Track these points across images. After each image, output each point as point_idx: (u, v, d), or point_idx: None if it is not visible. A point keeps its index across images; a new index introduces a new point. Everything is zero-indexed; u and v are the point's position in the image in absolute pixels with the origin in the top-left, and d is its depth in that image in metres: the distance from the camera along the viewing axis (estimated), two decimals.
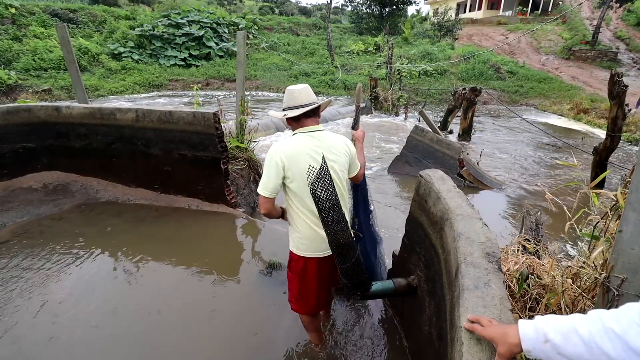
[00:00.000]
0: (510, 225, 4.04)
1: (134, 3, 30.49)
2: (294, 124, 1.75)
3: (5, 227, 3.26)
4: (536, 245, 2.48)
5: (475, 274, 1.08)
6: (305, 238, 1.73)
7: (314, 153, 1.64)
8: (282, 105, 1.78)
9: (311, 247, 1.74)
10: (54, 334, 2.10)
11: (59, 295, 2.42)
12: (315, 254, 1.75)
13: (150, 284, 2.58)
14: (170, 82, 14.54)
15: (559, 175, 6.04)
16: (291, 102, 1.71)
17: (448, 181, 1.72)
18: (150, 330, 2.17)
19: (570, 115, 12.10)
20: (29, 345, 2.02)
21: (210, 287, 2.54)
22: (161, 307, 2.34)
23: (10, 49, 12.71)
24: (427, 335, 1.63)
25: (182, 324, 2.22)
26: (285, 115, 1.71)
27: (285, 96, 1.74)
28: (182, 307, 2.36)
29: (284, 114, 1.72)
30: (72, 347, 2.03)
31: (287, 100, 1.72)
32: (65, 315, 2.25)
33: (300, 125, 1.72)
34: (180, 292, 2.51)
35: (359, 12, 26.41)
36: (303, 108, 1.69)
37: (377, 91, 11.83)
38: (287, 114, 1.70)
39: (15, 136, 3.92)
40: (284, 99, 1.76)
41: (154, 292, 2.51)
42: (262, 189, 1.67)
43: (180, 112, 3.52)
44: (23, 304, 2.33)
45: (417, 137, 5.64)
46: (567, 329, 0.71)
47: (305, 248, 1.75)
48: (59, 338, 2.08)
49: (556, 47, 20.02)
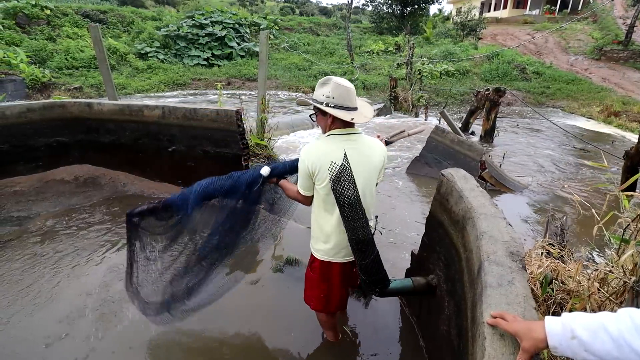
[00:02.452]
0: (533, 229, 3.92)
1: (160, 4, 31.42)
2: (335, 123, 1.59)
3: (40, 216, 3.45)
4: (561, 250, 2.41)
5: (499, 271, 1.07)
6: (328, 242, 1.70)
7: (341, 153, 1.53)
8: (320, 95, 1.56)
9: (336, 252, 1.71)
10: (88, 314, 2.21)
11: (89, 281, 2.55)
12: (338, 259, 1.73)
13: None
14: (193, 81, 14.91)
15: (586, 179, 5.81)
16: (341, 101, 1.54)
17: (471, 180, 1.70)
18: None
19: (599, 118, 11.60)
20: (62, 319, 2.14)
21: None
22: None
23: (45, 49, 13.36)
24: (446, 335, 1.62)
25: (201, 317, 2.27)
26: (331, 113, 1.53)
27: (332, 89, 1.53)
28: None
29: (332, 111, 1.52)
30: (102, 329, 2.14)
31: (337, 96, 1.53)
32: (96, 299, 2.36)
33: (338, 127, 1.60)
34: None
35: (380, 11, 26.21)
36: (353, 112, 1.56)
37: (397, 91, 11.72)
38: (335, 113, 1.52)
39: (50, 131, 4.13)
40: (325, 90, 1.54)
41: None
42: (299, 185, 1.70)
43: (204, 110, 3.62)
44: (53, 290, 2.46)
45: (437, 137, 5.56)
46: (595, 326, 0.70)
47: (331, 253, 1.72)
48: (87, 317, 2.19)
49: (586, 47, 19.21)
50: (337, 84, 1.54)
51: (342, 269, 1.77)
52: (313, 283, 1.85)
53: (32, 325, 2.14)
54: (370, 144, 1.68)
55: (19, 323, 2.16)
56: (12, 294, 2.39)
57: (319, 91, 1.59)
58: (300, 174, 1.64)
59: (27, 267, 2.68)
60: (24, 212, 3.48)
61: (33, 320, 2.18)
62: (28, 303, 2.32)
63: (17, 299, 2.35)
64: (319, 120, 1.68)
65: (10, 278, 2.55)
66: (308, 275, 1.88)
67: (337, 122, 1.59)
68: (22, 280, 2.53)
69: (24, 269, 2.65)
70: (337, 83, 1.54)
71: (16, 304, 2.31)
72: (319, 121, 1.69)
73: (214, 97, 12.51)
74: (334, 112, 1.53)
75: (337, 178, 1.44)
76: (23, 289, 2.45)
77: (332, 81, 1.55)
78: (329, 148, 1.57)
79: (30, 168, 4.09)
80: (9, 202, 3.63)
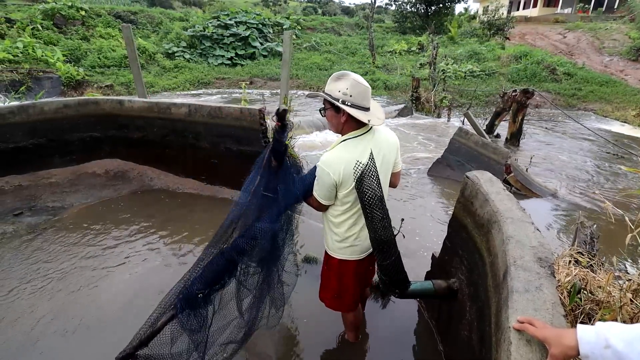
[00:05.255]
0: (561, 236, 3.78)
1: (187, 5, 32.28)
2: (349, 122, 1.52)
3: (73, 207, 3.64)
4: (590, 259, 2.31)
5: (526, 277, 1.05)
6: (345, 241, 1.69)
7: (366, 157, 1.49)
8: (335, 91, 1.46)
9: (351, 251, 1.71)
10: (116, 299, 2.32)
11: (118, 270, 2.67)
12: (355, 256, 1.74)
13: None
14: (217, 80, 15.23)
15: (619, 186, 5.53)
16: (359, 99, 1.46)
17: (497, 183, 1.67)
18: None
19: (635, 122, 10.98)
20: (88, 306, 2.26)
21: None
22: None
23: (79, 48, 14.01)
24: (466, 340, 1.60)
25: None
26: (345, 110, 1.45)
27: (351, 86, 1.44)
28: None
29: (351, 111, 1.44)
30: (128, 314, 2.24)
31: (355, 95, 1.45)
32: (123, 286, 2.48)
33: (352, 127, 1.53)
34: None
35: (403, 10, 25.86)
36: (369, 113, 1.49)
37: (419, 92, 11.53)
38: (354, 113, 1.44)
39: (84, 126, 4.34)
40: (341, 86, 1.45)
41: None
42: (317, 195, 1.60)
43: (228, 108, 3.71)
44: (83, 281, 2.60)
45: (461, 139, 5.44)
46: (632, 336, 0.68)
47: (347, 252, 1.72)
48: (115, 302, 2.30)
49: (622, 48, 18.22)
50: (357, 81, 1.45)
51: (357, 268, 1.77)
52: (328, 281, 1.86)
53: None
54: (387, 138, 1.63)
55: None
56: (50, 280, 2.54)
57: (333, 85, 1.48)
58: (322, 185, 1.55)
59: (60, 256, 2.84)
60: (58, 202, 3.68)
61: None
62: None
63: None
64: (329, 117, 1.56)
65: (44, 267, 2.71)
66: (324, 273, 1.89)
67: (351, 121, 1.50)
68: (57, 269, 2.68)
69: (57, 258, 2.81)
70: (357, 81, 1.45)
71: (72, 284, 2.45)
72: (329, 118, 1.57)
73: (238, 95, 12.72)
74: (353, 112, 1.44)
75: (361, 177, 1.44)
76: (58, 276, 2.59)
77: (350, 77, 1.46)
78: (352, 156, 1.48)
79: (65, 161, 4.32)
80: (45, 192, 3.84)
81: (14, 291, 2.41)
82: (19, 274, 2.59)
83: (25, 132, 3.99)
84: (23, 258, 2.76)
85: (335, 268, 1.78)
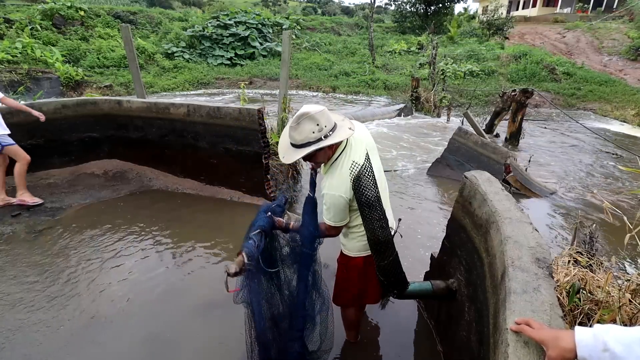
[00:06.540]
0: (560, 236, 3.77)
1: (187, 5, 32.26)
2: (332, 147, 1.55)
3: (72, 207, 3.63)
4: (590, 259, 2.31)
5: (524, 278, 1.04)
6: (364, 240, 1.68)
7: (360, 156, 1.54)
8: (310, 135, 1.44)
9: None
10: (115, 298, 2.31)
11: (117, 271, 2.66)
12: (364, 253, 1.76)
13: (200, 271, 2.76)
14: (217, 80, 15.21)
15: (618, 185, 5.53)
16: (331, 124, 1.49)
17: (495, 183, 1.66)
18: (186, 310, 2.32)
19: (635, 121, 10.99)
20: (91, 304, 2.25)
21: None
22: (205, 296, 2.49)
23: (78, 48, 13.99)
24: (465, 340, 1.59)
25: (223, 315, 2.32)
26: (338, 141, 1.47)
27: (320, 119, 1.45)
28: (226, 297, 2.46)
29: (338, 139, 1.47)
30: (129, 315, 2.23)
31: (327, 122, 1.47)
32: (125, 287, 2.47)
33: (336, 147, 1.57)
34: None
35: (403, 10, 25.86)
36: (342, 126, 1.52)
37: (419, 92, 11.53)
38: (341, 138, 1.48)
39: (82, 126, 4.34)
40: (311, 126, 1.43)
41: (202, 279, 2.68)
42: (333, 222, 1.61)
43: (227, 108, 3.70)
44: (85, 278, 2.59)
45: (460, 139, 5.43)
46: (630, 339, 0.67)
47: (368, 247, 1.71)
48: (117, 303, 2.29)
49: (621, 47, 18.22)
50: (316, 112, 1.44)
51: (365, 262, 1.78)
52: (348, 283, 1.85)
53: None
54: (364, 133, 1.69)
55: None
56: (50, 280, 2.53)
57: (303, 133, 1.44)
58: (337, 210, 1.57)
59: (58, 256, 2.83)
60: (57, 203, 3.67)
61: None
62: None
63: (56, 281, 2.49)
64: (320, 157, 1.56)
65: (44, 267, 2.70)
66: (342, 276, 1.87)
67: (334, 145, 1.53)
68: (55, 270, 2.67)
69: (55, 259, 2.80)
70: (315, 111, 1.44)
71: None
72: (318, 158, 1.56)
73: (236, 95, 12.71)
74: (337, 138, 1.47)
75: (358, 178, 1.44)
76: (57, 278, 2.59)
77: (309, 114, 1.43)
78: (349, 172, 1.50)
79: (64, 161, 4.31)
80: (44, 193, 3.83)
81: (13, 294, 2.40)
82: (18, 275, 2.58)
83: (23, 132, 3.97)
84: (22, 259, 2.76)
85: (360, 267, 1.79)
